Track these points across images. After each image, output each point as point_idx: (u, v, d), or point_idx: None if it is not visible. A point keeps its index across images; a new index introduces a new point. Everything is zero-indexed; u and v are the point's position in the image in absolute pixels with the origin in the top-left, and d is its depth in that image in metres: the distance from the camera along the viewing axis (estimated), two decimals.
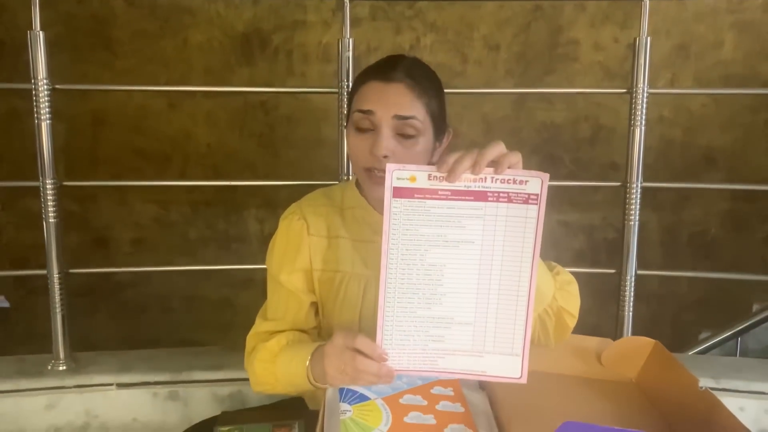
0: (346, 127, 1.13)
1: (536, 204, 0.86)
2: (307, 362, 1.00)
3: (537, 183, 0.86)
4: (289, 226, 1.15)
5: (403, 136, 1.04)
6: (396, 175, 0.86)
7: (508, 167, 0.86)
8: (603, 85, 3.34)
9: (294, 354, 1.04)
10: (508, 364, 0.91)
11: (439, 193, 0.86)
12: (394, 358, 0.91)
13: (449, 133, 1.15)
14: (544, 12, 3.30)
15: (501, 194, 0.86)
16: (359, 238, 1.13)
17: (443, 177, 0.85)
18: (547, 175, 0.87)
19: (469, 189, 0.86)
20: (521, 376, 0.92)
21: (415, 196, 0.86)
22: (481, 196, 0.86)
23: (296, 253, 1.13)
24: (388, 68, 1.06)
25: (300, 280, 1.13)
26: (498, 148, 0.86)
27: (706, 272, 2.81)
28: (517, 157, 0.87)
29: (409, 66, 1.07)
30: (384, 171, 0.88)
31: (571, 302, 1.06)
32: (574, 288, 1.08)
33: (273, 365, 1.07)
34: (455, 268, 0.88)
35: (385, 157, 1.02)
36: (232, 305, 3.44)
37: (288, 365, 1.04)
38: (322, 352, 0.96)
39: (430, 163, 1.09)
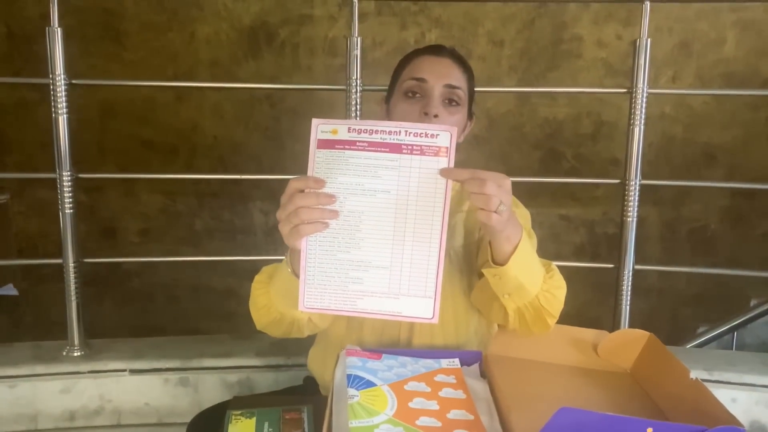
0: (387, 98, 1.23)
1: (446, 156, 0.92)
2: (286, 259, 1.03)
3: (447, 137, 0.92)
4: None
5: (449, 103, 1.16)
6: (320, 128, 0.92)
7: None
8: (606, 81, 3.36)
9: (280, 263, 1.08)
10: (421, 306, 0.96)
11: (358, 144, 0.91)
12: (316, 298, 0.95)
13: (473, 120, 1.26)
14: (548, 9, 3.33)
15: (414, 147, 0.92)
16: None
17: (361, 129, 0.92)
18: (456, 129, 0.92)
19: (385, 141, 0.92)
20: (433, 317, 0.96)
21: (336, 147, 0.91)
22: (395, 148, 0.92)
23: None
24: (437, 48, 1.22)
25: None
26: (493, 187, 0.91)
27: (702, 268, 2.84)
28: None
29: (453, 49, 1.23)
30: None
31: (554, 305, 1.08)
32: (561, 293, 1.09)
33: (267, 285, 1.11)
34: (372, 215, 0.93)
35: (436, 116, 1.13)
36: (237, 295, 3.47)
37: (276, 274, 1.08)
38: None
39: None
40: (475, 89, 1.26)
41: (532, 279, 1.04)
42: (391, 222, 0.93)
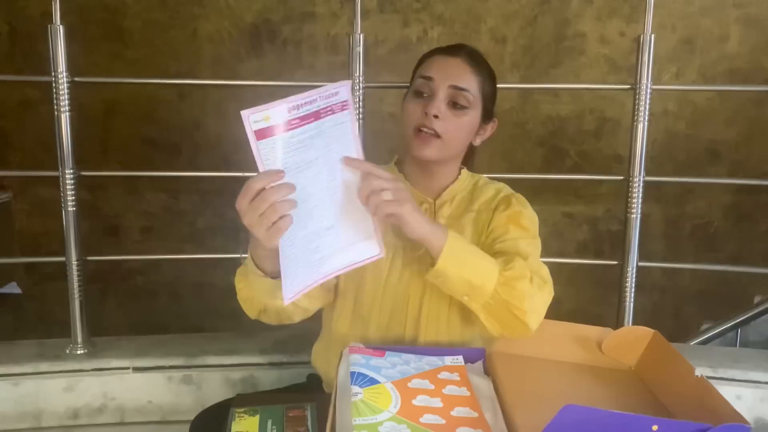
0: (404, 98, 1.23)
1: (348, 109, 0.96)
2: (249, 264, 1.04)
3: (346, 91, 0.95)
4: None
5: (455, 105, 1.16)
6: (252, 119, 0.90)
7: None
8: (609, 78, 3.35)
9: (245, 267, 1.09)
10: (367, 247, 1.02)
11: (291, 123, 0.92)
12: (293, 284, 0.96)
13: (494, 123, 1.27)
14: (551, 5, 3.32)
15: (327, 109, 0.94)
16: None
17: (290, 107, 0.91)
18: (349, 82, 0.96)
19: (309, 112, 0.93)
20: (380, 252, 1.03)
21: (275, 132, 0.91)
22: (316, 115, 0.94)
23: None
24: (454, 48, 1.21)
25: None
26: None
27: (706, 265, 2.84)
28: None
29: (471, 50, 1.22)
30: (431, 129, 1.11)
31: (517, 296, 1.05)
32: (522, 284, 1.06)
33: (247, 278, 1.11)
34: (315, 184, 0.96)
35: (435, 117, 1.13)
36: None
37: (249, 278, 1.08)
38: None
39: (469, 148, 1.25)
40: None
41: (479, 273, 1.04)
42: (327, 183, 0.97)
